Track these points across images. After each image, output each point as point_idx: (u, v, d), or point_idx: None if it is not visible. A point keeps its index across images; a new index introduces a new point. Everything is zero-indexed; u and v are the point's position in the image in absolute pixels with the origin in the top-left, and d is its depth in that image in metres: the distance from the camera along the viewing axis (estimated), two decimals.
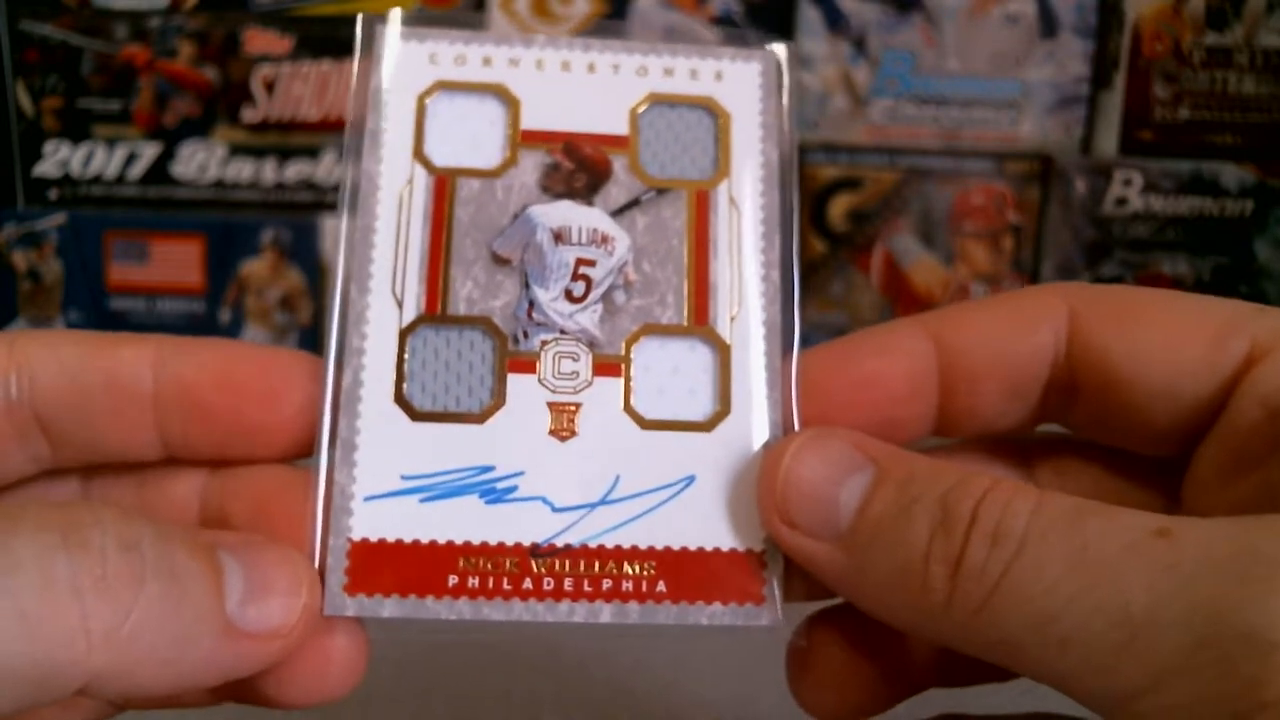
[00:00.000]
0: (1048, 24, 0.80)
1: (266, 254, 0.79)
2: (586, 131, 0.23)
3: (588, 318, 0.22)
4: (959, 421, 0.23)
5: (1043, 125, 0.81)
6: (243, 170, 0.81)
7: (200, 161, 0.81)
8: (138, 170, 0.81)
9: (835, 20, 0.80)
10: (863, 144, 0.80)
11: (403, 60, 0.23)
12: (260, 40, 0.79)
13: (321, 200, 0.81)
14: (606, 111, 0.23)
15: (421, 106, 0.23)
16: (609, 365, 0.23)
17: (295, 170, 0.81)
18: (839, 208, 0.78)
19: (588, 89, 0.23)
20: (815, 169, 0.78)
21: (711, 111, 0.24)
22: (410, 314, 0.22)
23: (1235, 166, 0.77)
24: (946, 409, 0.23)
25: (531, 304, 0.22)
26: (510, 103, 0.23)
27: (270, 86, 0.80)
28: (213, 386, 0.22)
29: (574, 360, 0.22)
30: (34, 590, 0.16)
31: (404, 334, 0.22)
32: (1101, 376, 0.21)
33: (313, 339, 0.80)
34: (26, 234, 0.79)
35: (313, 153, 0.81)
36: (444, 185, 0.23)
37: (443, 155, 0.23)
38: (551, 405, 0.22)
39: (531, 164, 0.23)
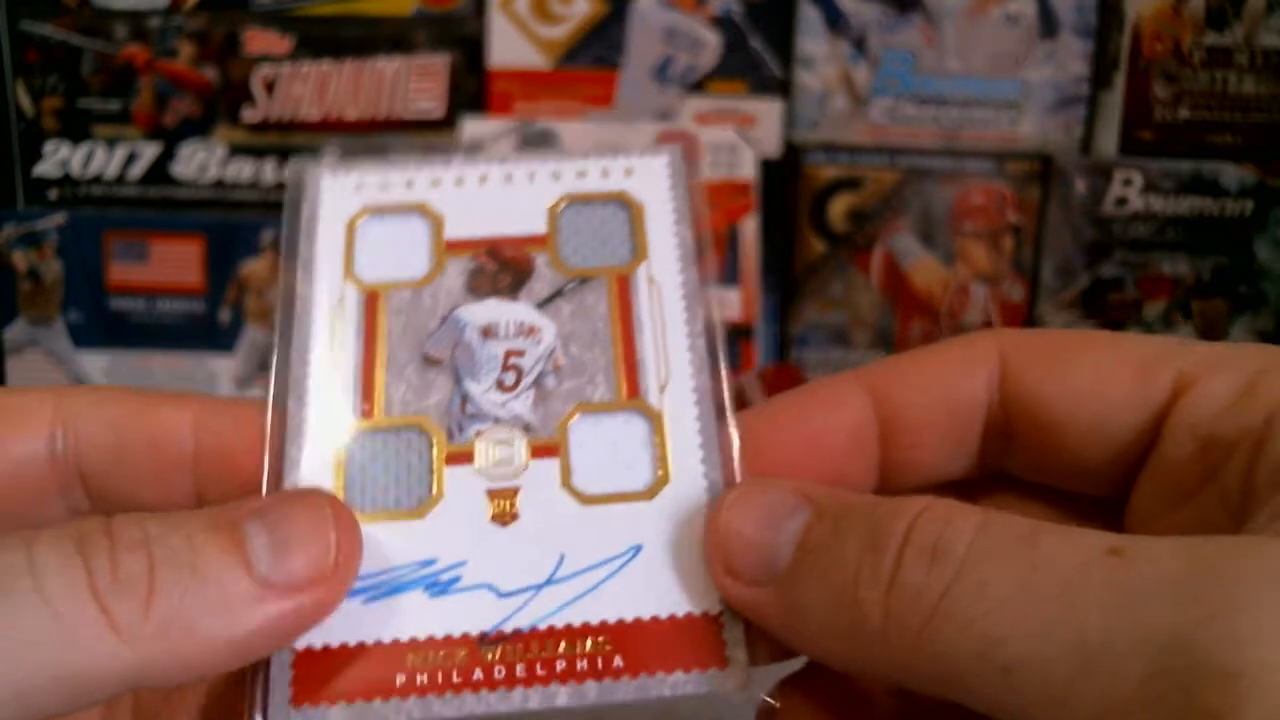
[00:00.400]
0: (1048, 24, 0.80)
1: (266, 254, 0.79)
2: (507, 235, 0.24)
3: (520, 404, 0.23)
4: (902, 473, 0.23)
5: (1043, 125, 0.81)
6: (243, 170, 0.81)
7: (200, 161, 0.81)
8: (138, 170, 0.81)
9: (835, 20, 0.80)
10: (863, 144, 0.80)
11: (332, 192, 0.24)
12: (260, 40, 0.79)
13: None
14: (525, 215, 0.24)
15: (351, 230, 0.24)
16: (545, 447, 0.23)
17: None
18: (839, 208, 0.78)
19: (506, 197, 0.24)
20: (815, 169, 0.78)
21: (624, 203, 0.25)
22: (347, 422, 0.22)
23: (1235, 166, 0.77)
24: (889, 462, 0.23)
25: (464, 398, 0.23)
26: (433, 218, 0.24)
27: (270, 86, 0.80)
28: (248, 449, 0.23)
29: (509, 446, 0.22)
30: (62, 594, 0.17)
31: (341, 442, 0.22)
32: (1034, 419, 0.21)
33: None
34: (26, 234, 0.79)
35: (313, 153, 0.81)
36: (375, 299, 0.23)
37: (373, 272, 0.24)
38: (490, 492, 0.22)
39: (457, 270, 0.24)
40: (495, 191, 0.24)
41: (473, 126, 0.77)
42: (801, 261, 0.79)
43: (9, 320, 0.80)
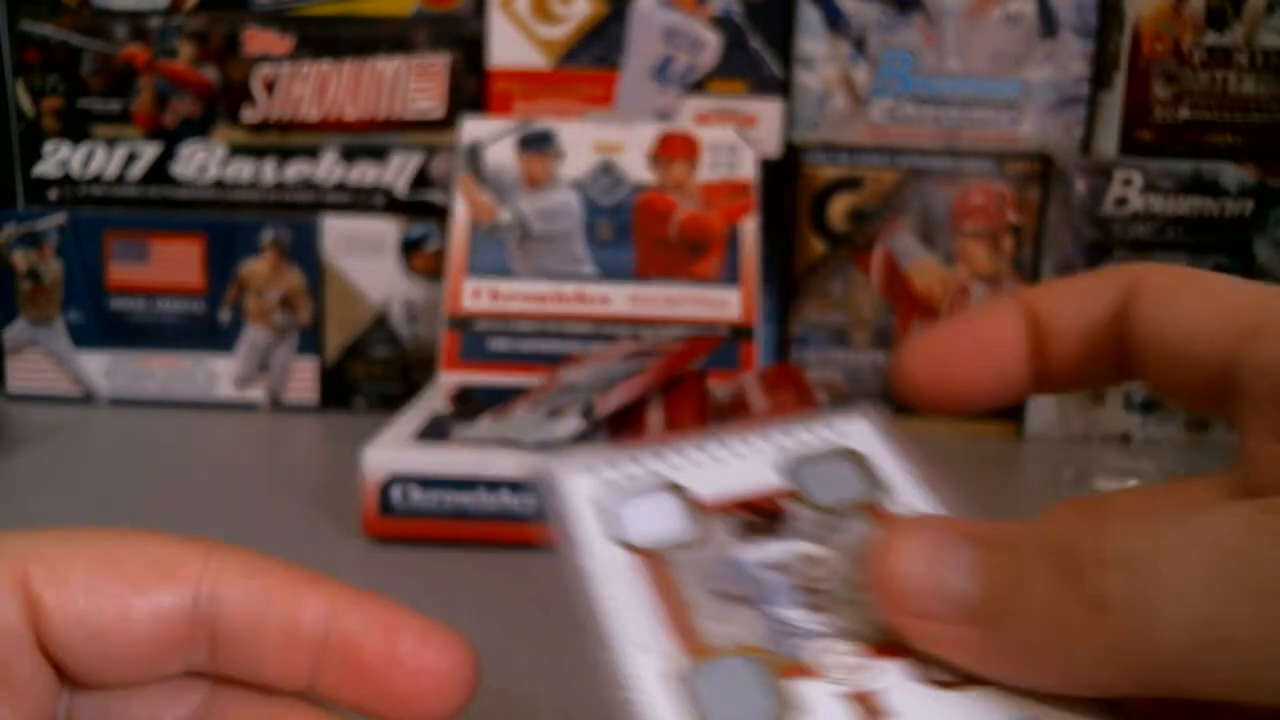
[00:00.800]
0: (1048, 24, 0.80)
1: (266, 254, 0.79)
2: (753, 493, 0.25)
3: (840, 619, 0.23)
4: (1051, 380, 0.25)
5: (1043, 125, 0.81)
6: (243, 170, 0.81)
7: (200, 161, 0.81)
8: (138, 170, 0.81)
9: (835, 20, 0.80)
10: (863, 144, 0.80)
11: (580, 486, 0.25)
12: (260, 40, 0.79)
13: (322, 200, 0.81)
14: (759, 477, 0.26)
15: (608, 512, 0.25)
16: (884, 648, 0.22)
17: (295, 170, 0.81)
18: (839, 208, 0.78)
19: (735, 466, 0.26)
20: (815, 169, 0.78)
21: (849, 455, 0.27)
22: (676, 661, 0.22)
23: (1235, 166, 0.77)
24: (1039, 370, 0.25)
25: (783, 623, 0.23)
26: (680, 491, 0.25)
27: (270, 86, 0.80)
28: (374, 648, 0.23)
29: (849, 655, 0.22)
30: None
31: (675, 680, 0.22)
32: (1146, 343, 0.23)
33: (313, 338, 0.80)
34: (26, 234, 0.79)
35: (313, 153, 0.81)
36: (655, 559, 0.24)
37: (645, 540, 0.24)
38: (850, 696, 0.21)
39: (720, 527, 0.25)
40: (723, 463, 0.26)
41: (473, 126, 0.77)
42: (801, 261, 0.79)
43: (9, 320, 0.80)
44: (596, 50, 0.80)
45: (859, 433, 0.26)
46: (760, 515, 0.25)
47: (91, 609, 0.21)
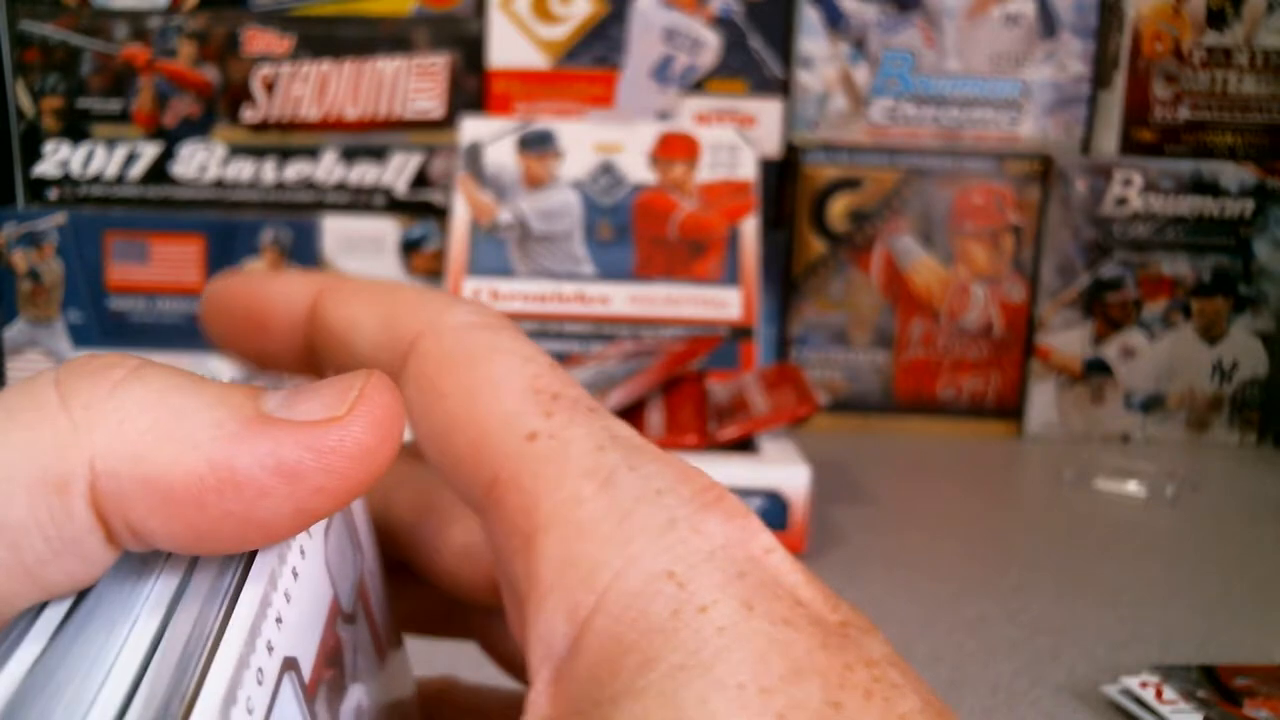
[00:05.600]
0: (1048, 24, 0.80)
1: (266, 254, 0.79)
2: (322, 628, 0.19)
3: None
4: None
5: (1043, 125, 0.81)
6: (243, 170, 0.81)
7: (200, 161, 0.81)
8: (138, 170, 0.81)
9: (835, 20, 0.80)
10: (863, 144, 0.80)
11: None
12: (260, 40, 0.79)
13: (321, 200, 0.81)
14: (321, 592, 0.19)
15: None
16: None
17: (295, 170, 0.81)
18: (839, 208, 0.78)
19: (306, 585, 0.18)
20: (815, 169, 0.78)
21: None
22: None
23: (1235, 166, 0.77)
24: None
25: None
26: (294, 666, 0.17)
27: (270, 86, 0.80)
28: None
29: None
30: (21, 398, 0.15)
31: None
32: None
33: None
34: (26, 234, 0.79)
35: (313, 153, 0.81)
36: None
37: None
38: None
39: (322, 713, 0.18)
40: (302, 586, 0.18)
41: (473, 126, 0.77)
42: (801, 261, 0.79)
43: (9, 320, 0.80)
44: (596, 50, 0.80)
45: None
46: (334, 665, 0.18)
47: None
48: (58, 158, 0.81)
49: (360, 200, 0.81)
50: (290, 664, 0.15)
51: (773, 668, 0.13)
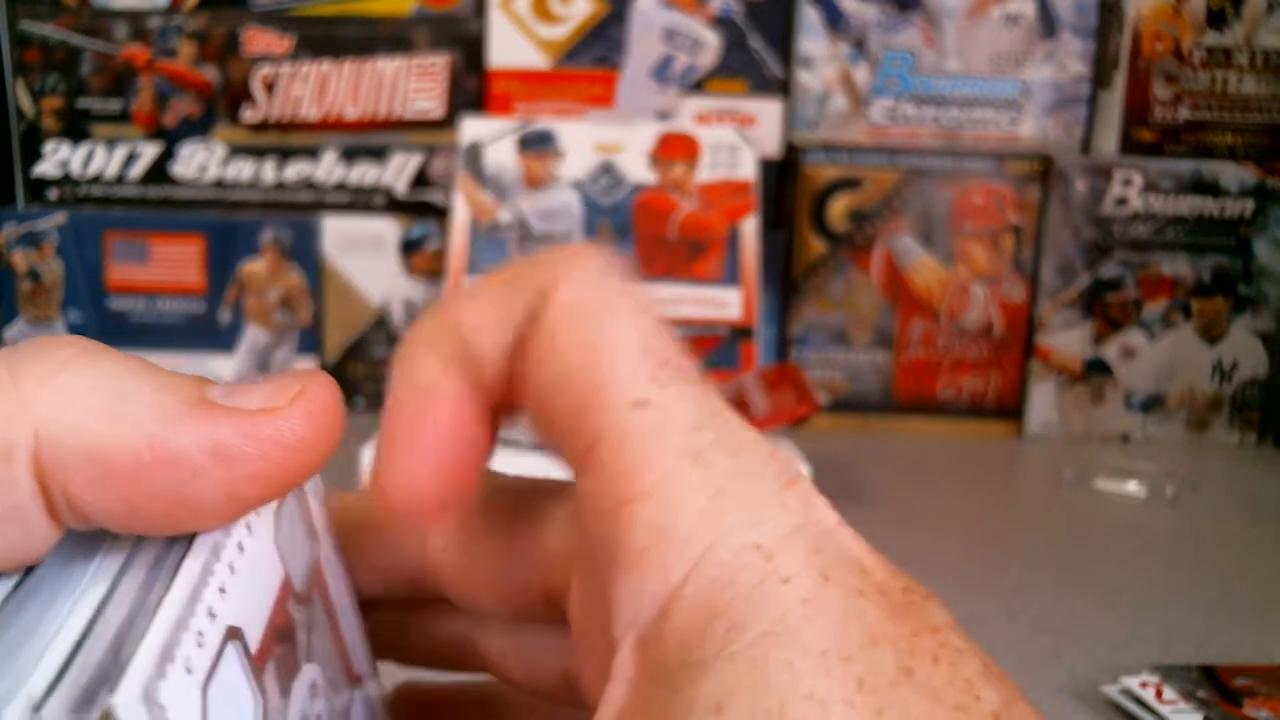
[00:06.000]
0: (1048, 24, 0.80)
1: (266, 254, 0.79)
2: (271, 604, 0.19)
3: None
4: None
5: (1043, 125, 0.81)
6: (243, 170, 0.81)
7: (200, 161, 0.81)
8: (138, 170, 0.81)
9: (835, 20, 0.80)
10: (863, 144, 0.80)
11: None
12: (260, 40, 0.79)
13: (321, 200, 0.81)
14: (271, 571, 0.19)
15: None
16: None
17: (295, 170, 0.81)
18: (839, 208, 0.78)
19: (254, 554, 0.18)
20: (815, 169, 0.78)
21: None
22: None
23: (1235, 166, 0.77)
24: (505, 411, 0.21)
25: None
26: (238, 635, 0.17)
27: (270, 86, 0.80)
28: None
29: None
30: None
31: None
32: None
33: (313, 338, 0.80)
34: (26, 234, 0.79)
35: (313, 153, 0.81)
36: None
37: None
38: None
39: (271, 689, 0.18)
40: (247, 556, 0.17)
41: (473, 126, 0.77)
42: (801, 261, 0.79)
43: (9, 320, 0.80)
44: (596, 50, 0.80)
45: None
46: (285, 642, 0.18)
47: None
48: (58, 158, 0.81)
49: (360, 200, 0.81)
50: (234, 633, 0.15)
51: (851, 636, 0.15)
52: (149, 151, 0.81)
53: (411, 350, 0.18)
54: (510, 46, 0.80)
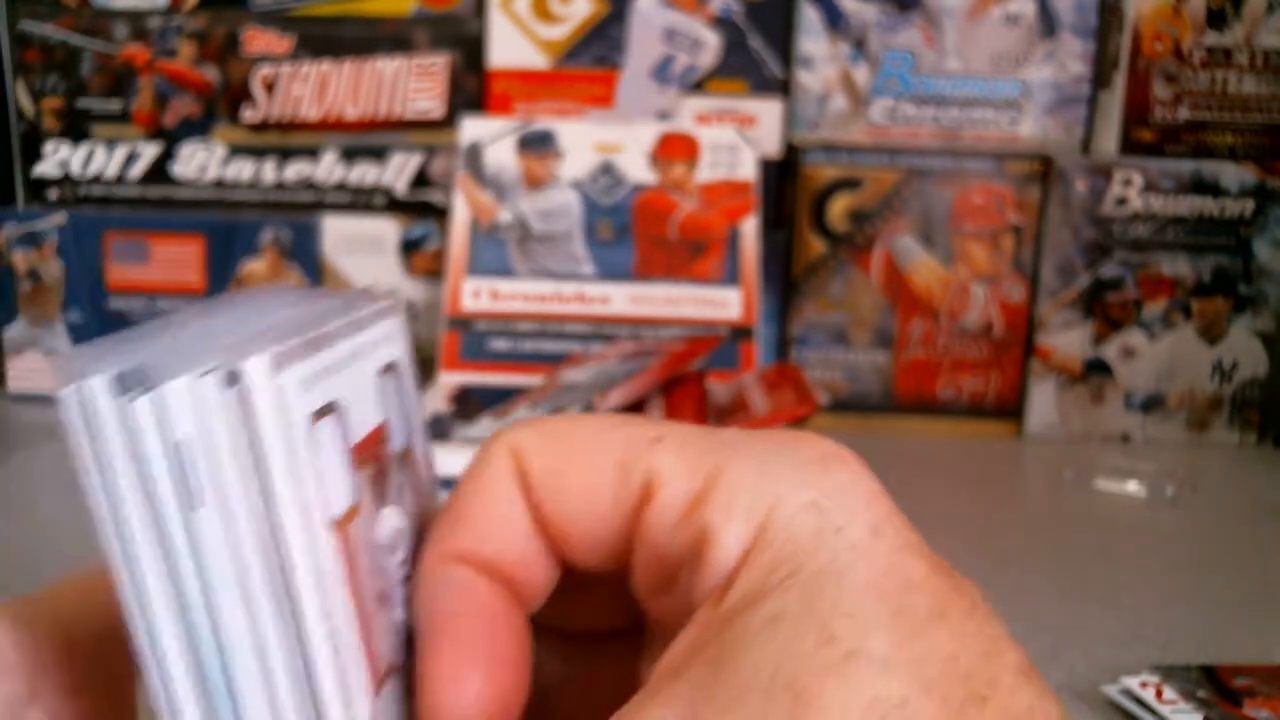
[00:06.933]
0: (1048, 24, 0.80)
1: (266, 254, 0.79)
2: (367, 428, 0.21)
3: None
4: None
5: (1043, 125, 0.81)
6: (243, 170, 0.81)
7: (200, 161, 0.81)
8: (138, 170, 0.81)
9: (835, 20, 0.80)
10: (863, 144, 0.80)
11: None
12: (260, 40, 0.79)
13: (321, 200, 0.81)
14: (367, 405, 0.21)
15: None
16: None
17: (295, 170, 0.81)
18: (839, 208, 0.78)
19: (349, 378, 0.21)
20: (815, 169, 0.78)
21: (390, 370, 0.23)
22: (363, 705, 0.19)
23: (1235, 166, 0.77)
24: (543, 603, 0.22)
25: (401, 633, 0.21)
26: (333, 410, 0.19)
27: (270, 86, 0.80)
28: None
29: None
30: None
31: None
32: (545, 521, 0.21)
33: None
34: (26, 234, 0.79)
35: (313, 153, 0.81)
36: (346, 544, 0.18)
37: (338, 511, 0.18)
38: None
39: (366, 486, 0.20)
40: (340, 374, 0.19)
41: (473, 126, 0.77)
42: (801, 261, 0.79)
43: (9, 320, 0.80)
44: (596, 50, 0.80)
45: (389, 335, 0.21)
46: (375, 462, 0.20)
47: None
48: (58, 158, 0.81)
49: (360, 200, 0.81)
50: (332, 409, 0.18)
51: (893, 579, 0.17)
52: (149, 151, 0.81)
53: (441, 569, 0.20)
54: (510, 46, 0.80)
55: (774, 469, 0.18)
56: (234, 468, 0.16)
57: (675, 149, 0.76)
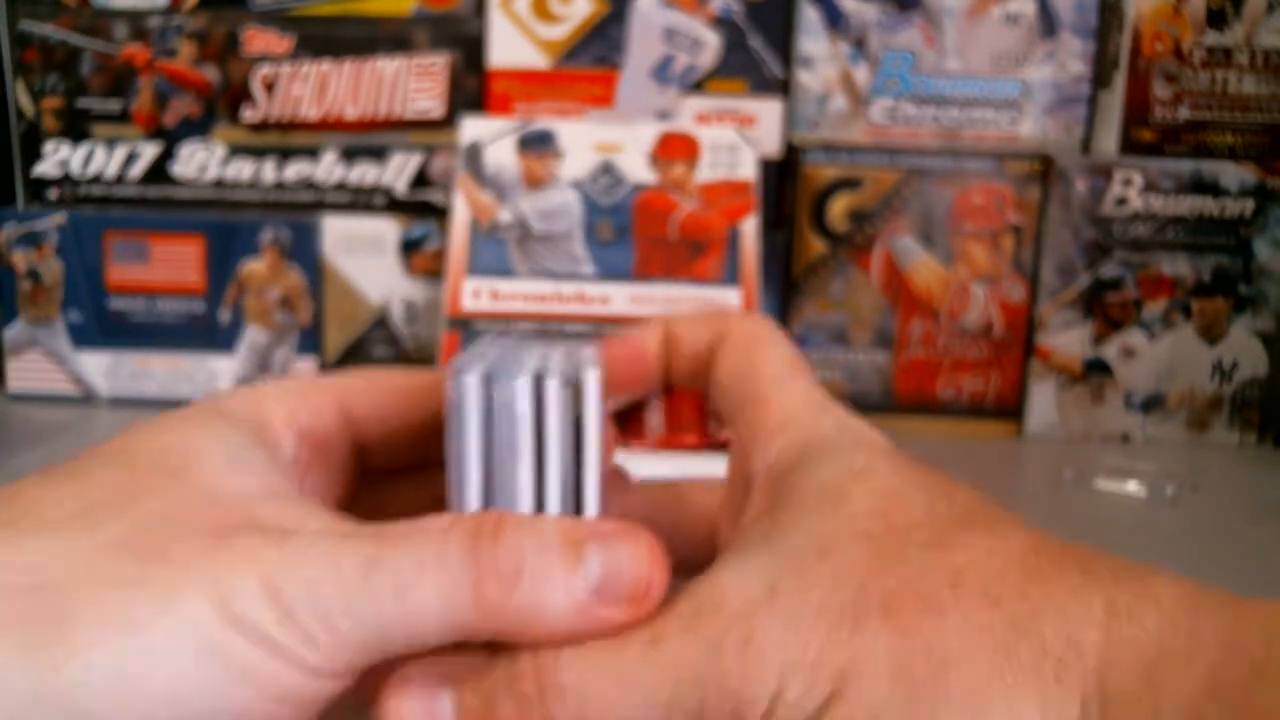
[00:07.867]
0: (1048, 24, 0.80)
1: (266, 254, 0.79)
2: None
3: None
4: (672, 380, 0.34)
5: (1043, 125, 0.81)
6: (243, 170, 0.81)
7: (200, 161, 0.81)
8: (138, 170, 0.81)
9: (835, 20, 0.80)
10: (863, 144, 0.80)
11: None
12: (260, 40, 0.79)
13: (321, 200, 0.81)
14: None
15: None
16: None
17: (295, 170, 0.81)
18: (839, 208, 0.78)
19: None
20: (815, 169, 0.78)
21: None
22: None
23: (1235, 166, 0.77)
24: (665, 373, 0.33)
25: None
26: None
27: (270, 86, 0.80)
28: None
29: None
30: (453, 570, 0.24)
31: None
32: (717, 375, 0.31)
33: (313, 338, 0.80)
34: (26, 234, 0.79)
35: (313, 153, 0.81)
36: None
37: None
38: None
39: None
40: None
41: (473, 126, 0.77)
42: (801, 261, 0.79)
43: (9, 320, 0.80)
44: (596, 50, 0.80)
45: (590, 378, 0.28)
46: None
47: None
48: (58, 158, 0.81)
49: (360, 200, 0.81)
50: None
51: (905, 468, 0.26)
52: (149, 151, 0.81)
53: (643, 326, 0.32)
54: (510, 46, 0.80)
55: (815, 402, 0.29)
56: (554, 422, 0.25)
57: (675, 149, 0.76)
